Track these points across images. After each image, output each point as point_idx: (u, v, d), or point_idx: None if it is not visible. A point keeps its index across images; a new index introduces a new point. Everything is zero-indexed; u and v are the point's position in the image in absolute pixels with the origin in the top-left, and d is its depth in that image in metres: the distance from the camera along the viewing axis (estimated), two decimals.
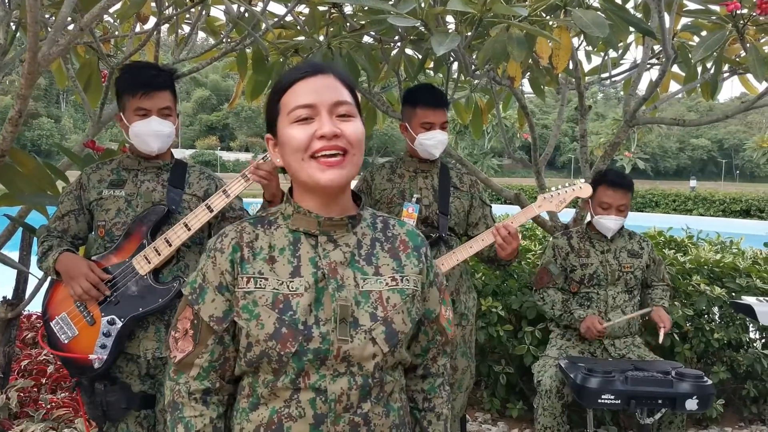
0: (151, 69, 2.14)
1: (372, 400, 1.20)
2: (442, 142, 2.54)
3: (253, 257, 1.22)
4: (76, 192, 2.19)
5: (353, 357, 1.17)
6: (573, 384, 2.59)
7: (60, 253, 2.06)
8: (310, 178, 1.18)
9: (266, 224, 1.27)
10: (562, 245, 3.14)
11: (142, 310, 2.05)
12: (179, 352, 1.24)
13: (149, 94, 2.06)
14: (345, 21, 3.29)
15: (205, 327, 1.22)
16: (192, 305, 1.24)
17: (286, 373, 1.17)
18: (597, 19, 2.60)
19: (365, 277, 1.23)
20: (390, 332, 1.20)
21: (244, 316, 1.20)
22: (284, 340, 1.16)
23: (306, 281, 1.20)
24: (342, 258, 1.22)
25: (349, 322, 1.18)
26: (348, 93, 1.23)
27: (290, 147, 1.20)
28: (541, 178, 4.12)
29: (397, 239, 1.30)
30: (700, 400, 2.49)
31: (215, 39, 3.87)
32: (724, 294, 3.65)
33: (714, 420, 3.78)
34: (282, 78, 1.25)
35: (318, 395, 1.17)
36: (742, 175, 68.45)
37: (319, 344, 1.16)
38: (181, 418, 1.22)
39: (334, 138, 1.16)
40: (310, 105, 1.18)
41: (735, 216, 21.57)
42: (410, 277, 1.27)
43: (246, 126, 64.74)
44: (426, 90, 2.67)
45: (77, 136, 49.61)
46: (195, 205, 2.17)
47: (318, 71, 1.22)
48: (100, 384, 2.07)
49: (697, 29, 3.69)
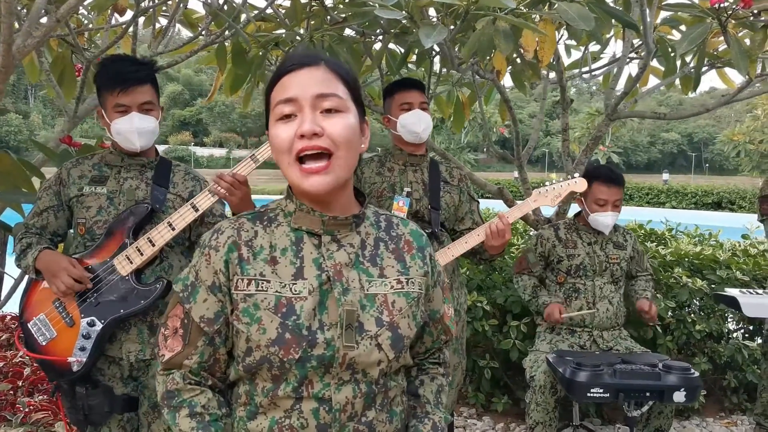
0: (129, 62, 2.05)
1: (376, 408, 1.16)
2: (422, 119, 2.52)
3: (254, 257, 1.15)
4: (55, 187, 2.11)
5: (358, 364, 1.12)
6: (562, 378, 2.59)
7: (40, 251, 1.99)
8: (296, 185, 1.12)
9: (266, 221, 1.20)
10: (549, 236, 3.14)
11: (124, 311, 1.98)
12: (168, 351, 1.19)
13: (127, 90, 1.98)
14: (326, 14, 3.24)
15: (195, 328, 1.16)
16: (183, 303, 1.18)
17: (287, 380, 1.12)
18: (582, 12, 2.59)
19: (370, 279, 1.17)
20: (396, 338, 1.15)
21: (244, 320, 1.13)
22: (288, 346, 1.10)
23: (310, 284, 1.13)
24: (347, 259, 1.16)
25: (354, 328, 1.12)
26: (341, 85, 1.14)
27: (274, 148, 1.13)
28: (523, 172, 4.11)
29: (401, 239, 1.24)
30: (687, 392, 2.49)
31: (192, 32, 3.80)
32: (706, 286, 3.69)
33: (695, 411, 3.82)
34: (275, 71, 1.17)
35: (321, 405, 1.11)
36: (712, 168, 69.65)
37: (324, 350, 1.10)
38: (181, 401, 1.16)
39: (314, 137, 1.08)
40: (291, 99, 1.10)
41: (707, 208, 21.97)
42: (415, 279, 1.21)
43: (220, 121, 64.12)
44: (400, 78, 2.75)
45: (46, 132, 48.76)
46: (179, 205, 2.10)
47: (306, 63, 1.13)
48: (81, 387, 2.00)
49: (677, 23, 3.72)
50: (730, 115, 62.96)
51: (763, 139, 31.48)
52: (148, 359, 2.08)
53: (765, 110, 30.45)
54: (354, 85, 1.17)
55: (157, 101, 2.09)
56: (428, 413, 1.26)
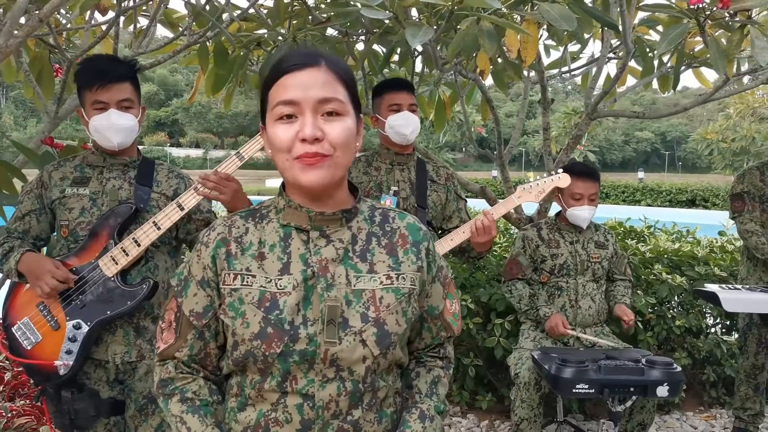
0: (109, 61, 2.04)
1: (364, 407, 1.16)
2: (410, 120, 2.52)
3: (242, 253, 1.18)
4: (36, 191, 2.08)
5: (341, 360, 1.12)
6: (547, 374, 2.61)
7: (22, 254, 1.96)
8: (294, 178, 1.13)
9: (257, 218, 1.22)
10: (532, 236, 3.16)
11: (110, 313, 1.96)
12: (163, 343, 1.23)
13: (106, 87, 1.96)
14: (309, 13, 3.24)
15: (185, 321, 1.20)
16: (176, 297, 1.22)
17: (272, 374, 1.13)
18: (564, 13, 2.62)
19: (358, 275, 1.17)
20: (382, 334, 1.15)
21: (229, 314, 1.15)
22: (269, 341, 1.11)
23: (295, 279, 1.14)
24: (334, 254, 1.17)
25: (338, 323, 1.12)
26: (341, 87, 1.14)
27: (274, 146, 1.14)
28: (505, 171, 4.15)
29: (396, 233, 1.24)
30: (670, 387, 2.54)
31: (173, 31, 3.77)
32: (685, 282, 3.75)
33: (676, 405, 3.88)
34: (272, 68, 1.16)
35: (305, 401, 1.13)
36: (685, 166, 70.80)
37: (306, 345, 1.11)
38: (174, 388, 1.21)
39: (315, 142, 1.09)
40: (293, 102, 1.10)
41: (681, 206, 22.34)
42: (407, 274, 1.20)
43: (196, 121, 63.63)
44: (390, 79, 2.74)
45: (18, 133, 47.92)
46: (164, 204, 2.08)
47: (308, 64, 1.12)
48: (66, 391, 1.97)
49: (654, 23, 3.78)
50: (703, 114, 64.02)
51: (735, 138, 32.09)
52: (134, 361, 2.06)
53: (737, 109, 31.01)
54: (352, 85, 1.18)
55: (137, 100, 2.06)
56: (417, 402, 1.26)
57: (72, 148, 2.64)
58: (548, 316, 2.99)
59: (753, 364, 3.35)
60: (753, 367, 3.35)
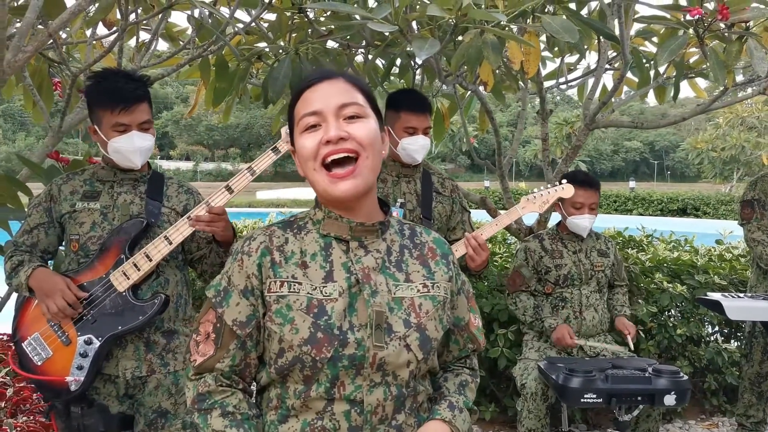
0: (124, 79, 2.01)
1: (406, 411, 1.19)
2: (425, 146, 2.54)
3: (285, 261, 1.20)
4: (45, 204, 2.07)
5: (388, 364, 1.15)
6: (555, 384, 2.62)
7: (33, 269, 1.95)
8: (325, 191, 1.17)
9: (295, 229, 1.25)
10: (535, 248, 3.17)
11: (122, 328, 1.95)
12: (200, 355, 1.22)
13: (129, 109, 1.96)
14: (310, 26, 3.25)
15: (227, 331, 1.20)
16: (215, 308, 1.21)
17: (319, 381, 1.15)
18: (566, 25, 2.64)
19: (397, 284, 1.21)
20: (424, 339, 1.19)
21: (277, 320, 1.16)
22: (320, 345, 1.13)
23: (340, 286, 1.18)
24: (374, 264, 1.21)
25: (383, 329, 1.16)
26: (360, 95, 1.21)
27: (302, 157, 1.19)
28: (505, 182, 4.16)
29: (425, 246, 1.29)
30: (677, 395, 2.55)
31: (174, 45, 3.77)
32: (686, 291, 3.77)
33: (677, 413, 3.89)
34: (295, 88, 1.25)
35: (353, 407, 1.14)
36: (673, 175, 71.29)
37: (355, 350, 1.14)
38: (212, 403, 1.18)
39: (340, 141, 1.14)
40: (316, 111, 1.17)
41: (672, 215, 22.47)
42: (440, 284, 1.25)
43: (186, 134, 63.50)
44: (410, 95, 2.66)
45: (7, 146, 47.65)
46: (174, 218, 2.08)
47: (326, 77, 1.20)
48: (76, 407, 1.96)
49: (649, 34, 3.83)
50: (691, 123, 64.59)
51: (724, 147, 32.46)
52: (144, 376, 2.05)
53: (726, 119, 31.39)
54: (371, 97, 1.24)
55: (152, 118, 2.07)
56: (445, 396, 1.29)
57: (78, 162, 2.63)
58: (554, 327, 3.00)
59: (757, 372, 3.37)
60: (757, 375, 3.37)
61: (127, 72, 2.07)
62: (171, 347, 2.09)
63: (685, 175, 68.06)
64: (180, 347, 2.11)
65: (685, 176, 67.72)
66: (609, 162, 71.27)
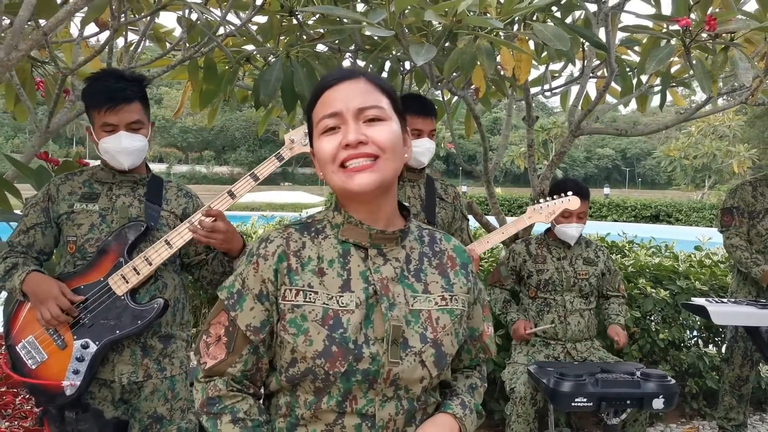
0: (116, 79, 1.98)
1: (416, 424, 1.17)
2: (430, 149, 2.55)
3: (302, 268, 1.16)
4: (43, 204, 2.04)
5: (402, 380, 1.13)
6: (546, 388, 2.64)
7: (27, 273, 1.91)
8: (342, 188, 1.13)
9: (313, 232, 1.20)
10: (520, 251, 3.21)
11: (120, 333, 1.92)
12: (210, 358, 1.18)
13: (115, 109, 1.93)
14: (301, 30, 3.25)
15: (240, 336, 1.16)
16: (228, 311, 1.18)
17: (330, 394, 1.12)
18: (558, 33, 2.67)
19: (415, 295, 1.17)
20: (439, 354, 1.16)
21: (291, 330, 1.13)
22: (334, 359, 1.10)
23: (357, 297, 1.14)
24: (392, 273, 1.17)
25: (399, 343, 1.12)
26: (382, 96, 1.16)
27: (320, 159, 1.15)
28: (491, 187, 4.19)
29: (444, 255, 1.25)
30: (665, 399, 2.58)
31: (160, 46, 3.74)
32: (668, 296, 3.83)
33: (658, 417, 3.95)
34: (314, 88, 1.19)
35: (364, 421, 1.12)
36: (644, 182, 72.42)
37: (369, 365, 1.11)
38: (222, 408, 1.15)
39: (359, 145, 1.10)
40: (335, 113, 1.12)
41: (645, 221, 22.80)
42: (459, 296, 1.22)
43: (159, 136, 62.72)
44: (415, 98, 2.67)
45: None
46: (173, 222, 2.06)
47: (346, 77, 1.16)
48: (70, 412, 1.92)
49: (633, 43, 3.89)
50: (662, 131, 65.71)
51: (697, 155, 33.15)
52: (141, 381, 2.02)
53: (698, 128, 32.05)
54: (394, 97, 1.19)
55: (146, 119, 2.04)
56: (457, 393, 1.27)
57: (69, 163, 2.59)
58: (514, 321, 3.12)
59: (738, 376, 3.43)
60: (738, 378, 3.44)
61: (121, 72, 2.03)
62: (168, 352, 2.07)
63: (655, 182, 69.22)
64: (177, 352, 2.09)
65: (656, 183, 68.89)
66: (582, 169, 72.12)
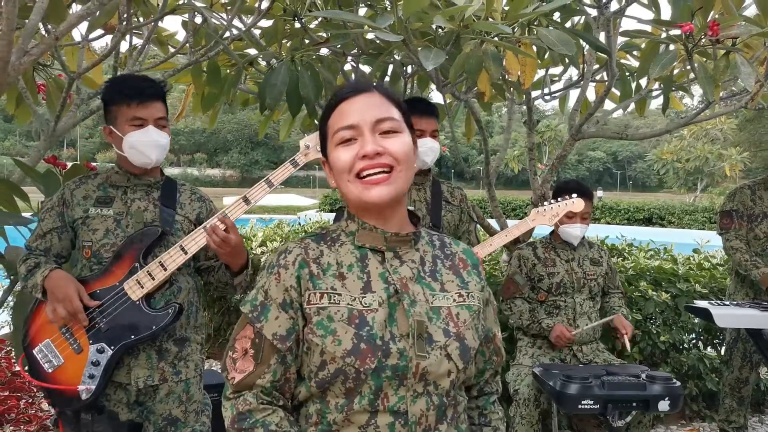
0: (141, 79, 2.04)
1: (447, 421, 1.18)
2: (433, 149, 2.56)
3: (323, 273, 1.19)
4: (58, 208, 2.04)
5: (430, 374, 1.15)
6: (552, 391, 2.65)
7: (51, 270, 1.92)
8: (358, 198, 1.17)
9: (329, 241, 1.24)
10: (528, 256, 3.21)
11: (135, 337, 1.92)
12: (238, 372, 1.19)
13: (145, 103, 1.96)
14: (306, 34, 3.26)
15: (268, 345, 1.18)
16: (253, 324, 1.19)
17: (362, 393, 1.13)
18: (563, 37, 2.69)
19: (433, 293, 1.21)
20: (463, 348, 1.19)
21: (318, 332, 1.15)
22: (363, 356, 1.12)
23: (379, 296, 1.17)
24: (410, 273, 1.21)
25: (424, 338, 1.15)
26: (395, 109, 1.21)
27: (336, 169, 1.19)
28: (492, 190, 4.21)
29: (455, 257, 1.30)
30: (671, 401, 2.60)
31: (162, 50, 3.74)
32: (669, 299, 3.85)
33: (659, 419, 3.97)
34: (329, 100, 1.24)
35: (397, 418, 1.13)
36: (635, 185, 72.77)
37: (397, 360, 1.13)
38: (254, 422, 1.15)
39: (376, 156, 1.14)
40: (352, 125, 1.17)
41: (638, 224, 22.90)
42: (474, 294, 1.26)
43: None
44: (415, 99, 2.70)
45: None
46: (187, 227, 2.08)
47: (361, 90, 1.21)
48: (86, 414, 1.92)
49: (632, 48, 3.92)
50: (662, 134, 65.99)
51: (689, 158, 33.42)
52: (156, 384, 2.03)
53: (690, 131, 32.31)
54: (404, 109, 1.24)
55: (167, 119, 2.07)
56: None
57: (78, 167, 2.58)
58: (551, 327, 3.05)
59: (738, 378, 3.46)
60: (737, 380, 3.46)
61: (145, 76, 2.07)
62: (183, 355, 2.07)
63: (646, 185, 69.58)
64: (191, 355, 2.09)
65: (647, 186, 69.25)
66: (574, 171, 72.38)
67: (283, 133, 4.45)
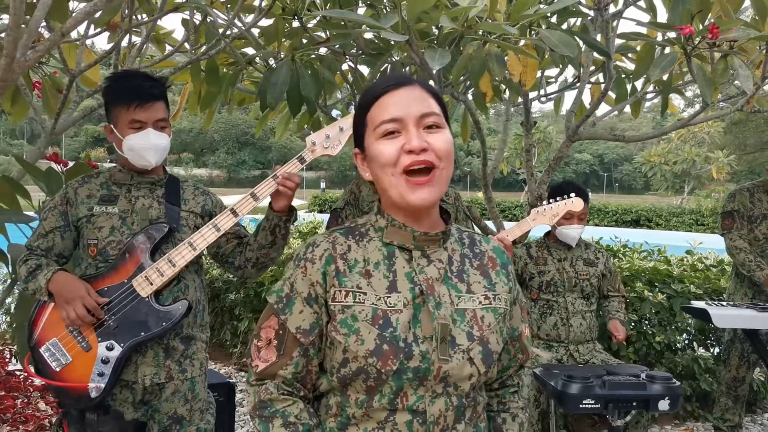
0: (142, 78, 2.00)
1: (465, 421, 1.18)
2: None
3: (349, 270, 1.19)
4: (61, 207, 2.02)
5: (451, 377, 1.15)
6: (553, 390, 2.66)
7: (54, 272, 1.90)
8: (401, 197, 1.16)
9: (357, 236, 1.23)
10: (521, 255, 3.24)
11: (145, 334, 1.91)
12: (261, 361, 1.20)
13: (144, 106, 1.94)
14: (305, 33, 3.26)
15: (291, 338, 1.18)
16: (278, 315, 1.20)
17: (382, 392, 1.14)
18: (565, 39, 2.71)
19: (459, 295, 1.20)
20: (486, 352, 1.18)
21: (342, 330, 1.15)
22: (385, 357, 1.12)
23: (404, 297, 1.16)
24: (437, 274, 1.20)
25: (447, 341, 1.15)
26: (435, 103, 1.19)
27: (379, 162, 1.17)
28: (488, 191, 4.22)
29: (485, 256, 1.28)
30: (671, 401, 2.62)
31: (160, 48, 3.72)
32: (664, 300, 3.89)
33: (653, 418, 4.00)
34: (367, 92, 1.22)
35: (415, 417, 1.14)
36: (621, 187, 73.29)
37: (420, 363, 1.13)
38: (274, 411, 1.17)
39: (422, 152, 1.13)
40: (397, 119, 1.15)
41: (626, 226, 23.08)
42: (501, 295, 1.25)
43: None
44: None
45: None
46: (193, 222, 2.06)
47: (403, 83, 1.19)
48: (92, 414, 1.91)
49: (628, 50, 3.95)
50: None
51: (677, 161, 33.74)
52: (162, 382, 2.01)
53: (678, 134, 32.62)
54: (443, 104, 1.23)
55: (168, 118, 2.05)
56: None
57: (81, 165, 2.56)
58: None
59: (734, 377, 3.49)
60: (734, 379, 3.49)
61: (145, 72, 2.04)
62: (189, 353, 2.06)
63: (632, 187, 70.08)
64: (197, 353, 2.08)
65: (633, 188, 69.75)
66: (560, 173, 72.53)
67: (279, 132, 4.44)
